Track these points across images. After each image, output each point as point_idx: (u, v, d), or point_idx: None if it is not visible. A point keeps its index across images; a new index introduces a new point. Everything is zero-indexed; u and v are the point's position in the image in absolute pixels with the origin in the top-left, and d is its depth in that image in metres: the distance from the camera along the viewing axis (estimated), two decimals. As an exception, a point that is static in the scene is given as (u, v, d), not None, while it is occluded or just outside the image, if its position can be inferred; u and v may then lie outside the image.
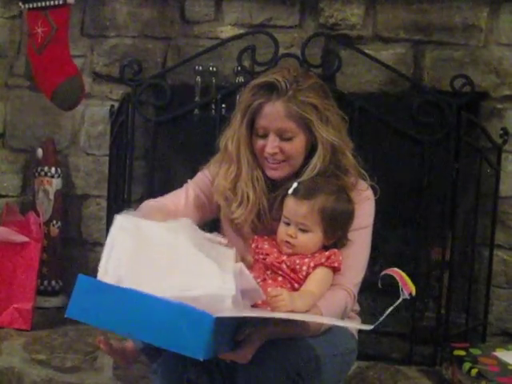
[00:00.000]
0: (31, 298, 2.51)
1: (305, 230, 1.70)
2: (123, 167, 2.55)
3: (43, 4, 2.54)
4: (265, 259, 1.71)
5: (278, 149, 1.75)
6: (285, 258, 1.70)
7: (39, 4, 2.55)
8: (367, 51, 2.46)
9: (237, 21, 2.62)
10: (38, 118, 2.84)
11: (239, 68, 2.45)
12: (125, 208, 1.76)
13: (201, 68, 2.58)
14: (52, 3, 2.54)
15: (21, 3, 2.60)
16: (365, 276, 1.81)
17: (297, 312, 1.57)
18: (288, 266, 1.69)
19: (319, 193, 1.71)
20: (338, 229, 1.73)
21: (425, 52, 2.52)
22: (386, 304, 1.55)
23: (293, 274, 1.68)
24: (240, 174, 1.80)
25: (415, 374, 2.27)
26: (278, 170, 1.78)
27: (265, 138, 1.77)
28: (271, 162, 1.77)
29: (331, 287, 1.71)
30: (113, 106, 2.72)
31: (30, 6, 2.57)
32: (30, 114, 2.85)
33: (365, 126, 2.32)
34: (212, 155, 1.93)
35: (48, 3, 2.54)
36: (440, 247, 2.42)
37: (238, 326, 1.57)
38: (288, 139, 1.75)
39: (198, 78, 2.58)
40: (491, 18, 2.48)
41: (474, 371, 2.05)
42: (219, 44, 2.53)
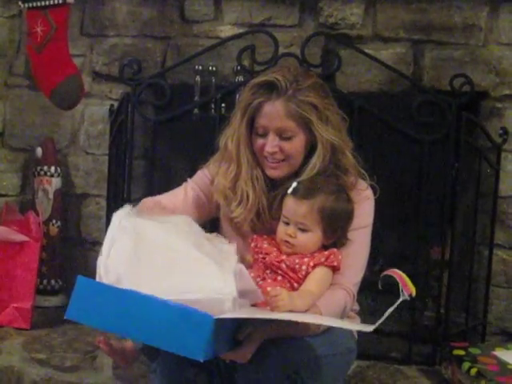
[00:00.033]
0: (31, 298, 2.51)
1: (304, 230, 1.70)
2: (123, 166, 2.55)
3: (43, 3, 2.54)
4: (264, 258, 1.71)
5: (278, 148, 1.75)
6: (284, 257, 1.70)
7: (39, 3, 2.55)
8: (367, 51, 2.46)
9: (236, 20, 2.62)
10: (37, 118, 2.84)
11: (239, 67, 2.45)
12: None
13: (200, 67, 2.58)
14: (51, 2, 2.53)
15: (20, 2, 2.60)
16: (364, 275, 1.81)
17: (296, 311, 1.57)
18: (287, 266, 1.69)
19: (319, 192, 1.71)
20: (337, 228, 1.73)
21: (424, 51, 2.52)
22: (386, 303, 1.55)
23: (292, 273, 1.68)
24: (240, 173, 1.80)
25: (415, 374, 2.27)
26: (278, 170, 1.78)
27: (264, 137, 1.76)
28: (271, 161, 1.77)
29: (331, 287, 1.71)
30: (112, 105, 2.72)
31: (30, 5, 2.57)
32: (30, 114, 2.85)
33: (364, 126, 2.32)
34: (212, 155, 1.93)
35: (47, 2, 2.54)
36: (439, 247, 2.42)
37: (237, 326, 1.57)
38: (288, 138, 1.75)
39: (198, 78, 2.58)
40: (491, 18, 2.48)
41: (474, 371, 2.05)
42: (219, 43, 2.53)
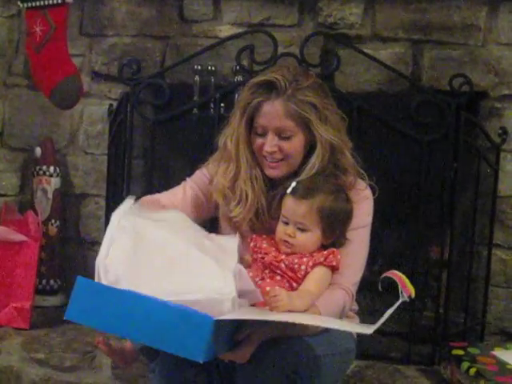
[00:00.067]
0: (30, 297, 2.50)
1: (303, 230, 1.70)
2: (122, 166, 2.55)
3: (42, 3, 2.54)
4: (263, 258, 1.71)
5: (277, 147, 1.75)
6: (283, 257, 1.70)
7: (38, 3, 2.55)
8: (366, 50, 2.46)
9: (235, 20, 2.62)
10: (36, 117, 2.84)
11: (238, 67, 2.45)
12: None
13: (199, 67, 2.58)
14: (51, 2, 2.54)
15: (19, 2, 2.60)
16: (363, 275, 1.81)
17: (295, 311, 1.57)
18: (286, 266, 1.69)
19: (318, 192, 1.71)
20: (336, 228, 1.73)
21: (423, 51, 2.52)
22: (385, 303, 1.55)
23: (291, 273, 1.68)
24: (239, 173, 1.80)
25: (414, 374, 2.27)
26: (277, 169, 1.78)
27: (264, 136, 1.76)
28: (270, 160, 1.77)
29: (330, 286, 1.71)
30: (111, 105, 2.72)
31: (29, 4, 2.57)
32: (29, 113, 2.84)
33: (363, 126, 2.32)
34: (211, 154, 1.93)
35: (47, 2, 2.54)
36: (439, 246, 2.42)
37: (236, 327, 1.56)
38: (287, 138, 1.75)
39: (197, 77, 2.58)
40: (490, 18, 2.48)
41: (473, 370, 2.05)
42: (218, 43, 2.53)
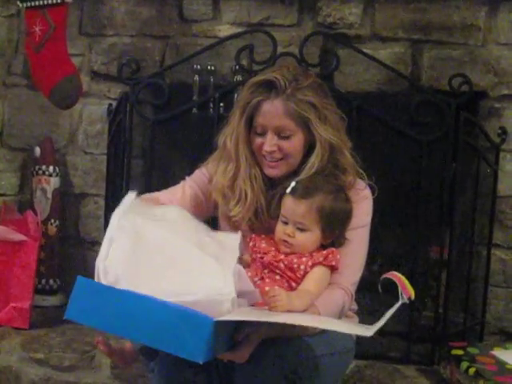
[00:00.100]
0: (29, 297, 2.50)
1: (303, 229, 1.70)
2: (121, 166, 2.55)
3: (41, 2, 2.54)
4: (262, 258, 1.71)
5: (276, 147, 1.75)
6: (282, 256, 1.70)
7: (37, 2, 2.55)
8: (365, 50, 2.46)
9: (235, 19, 2.62)
10: (35, 117, 2.84)
11: (237, 67, 2.45)
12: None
13: (199, 67, 2.58)
14: (50, 2, 2.54)
15: (19, 2, 2.60)
16: (363, 275, 1.81)
17: (295, 311, 1.57)
18: (286, 265, 1.68)
19: (317, 192, 1.70)
20: (336, 228, 1.72)
21: (423, 51, 2.52)
22: (384, 303, 1.54)
23: (290, 272, 1.68)
24: (238, 172, 1.80)
25: (413, 373, 2.27)
26: (276, 169, 1.78)
27: (263, 135, 1.76)
28: (269, 160, 1.77)
29: (329, 286, 1.70)
30: (111, 104, 2.72)
31: (28, 4, 2.57)
32: (28, 113, 2.85)
33: (363, 125, 2.32)
34: (210, 154, 1.92)
35: (46, 2, 2.54)
36: (438, 246, 2.42)
37: (235, 327, 1.56)
38: (286, 137, 1.74)
39: (196, 77, 2.59)
40: (489, 18, 2.49)
41: (472, 370, 2.05)
42: (217, 43, 2.53)
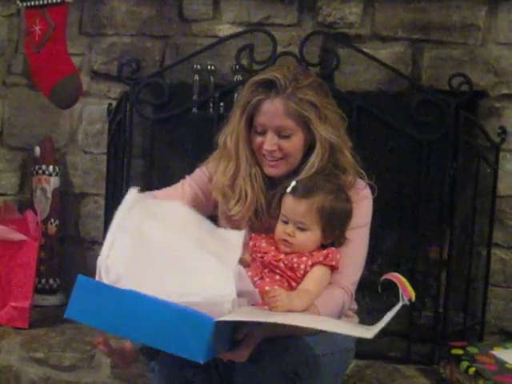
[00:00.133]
0: (29, 297, 2.50)
1: (303, 229, 1.70)
2: (121, 165, 2.55)
3: (41, 2, 2.54)
4: (262, 257, 1.71)
5: (276, 146, 1.75)
6: (282, 256, 1.69)
7: (37, 2, 2.54)
8: (365, 50, 2.46)
9: (235, 19, 2.62)
10: (35, 117, 2.84)
11: (237, 66, 2.45)
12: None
13: (199, 66, 2.58)
14: (50, 1, 2.54)
15: (19, 1, 2.60)
16: (363, 275, 1.81)
17: (295, 311, 1.57)
18: (286, 265, 1.68)
19: (318, 191, 1.70)
20: (336, 227, 1.72)
21: (423, 51, 2.52)
22: (384, 303, 1.54)
23: (290, 272, 1.68)
24: (238, 171, 1.80)
25: (413, 373, 2.27)
26: (276, 168, 1.78)
27: (263, 135, 1.76)
28: (269, 159, 1.77)
29: (329, 286, 1.70)
30: (111, 104, 2.72)
31: (28, 4, 2.57)
32: (28, 113, 2.85)
33: (363, 125, 2.32)
34: (210, 153, 1.92)
35: (46, 1, 2.54)
36: (438, 246, 2.42)
37: (235, 326, 1.56)
38: (286, 137, 1.74)
39: (196, 77, 2.58)
40: (489, 17, 2.49)
41: (472, 370, 2.05)
42: (217, 42, 2.53)
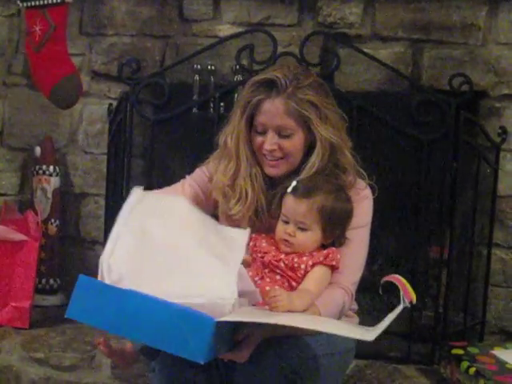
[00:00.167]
0: (29, 297, 2.50)
1: (304, 229, 1.70)
2: (121, 166, 2.55)
3: (41, 2, 2.54)
4: (263, 257, 1.71)
5: (277, 146, 1.75)
6: (283, 256, 1.70)
7: (37, 2, 2.55)
8: (366, 50, 2.46)
9: (235, 19, 2.62)
10: (36, 117, 2.84)
11: (237, 66, 2.45)
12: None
13: (199, 66, 2.58)
14: (50, 1, 2.54)
15: (19, 1, 2.60)
16: (363, 275, 1.81)
17: (295, 311, 1.57)
18: (286, 265, 1.68)
19: (318, 191, 1.70)
20: (336, 227, 1.72)
21: (423, 51, 2.52)
22: (384, 303, 1.54)
23: (291, 272, 1.68)
24: (239, 171, 1.80)
25: (413, 373, 2.27)
26: (277, 168, 1.78)
27: (264, 134, 1.76)
28: (270, 158, 1.77)
29: (329, 286, 1.70)
30: (111, 104, 2.72)
31: (29, 4, 2.57)
32: (28, 113, 2.85)
33: (363, 125, 2.32)
34: (210, 153, 1.93)
35: (46, 1, 2.54)
36: (438, 246, 2.42)
37: (236, 326, 1.56)
38: (287, 136, 1.74)
39: (197, 77, 2.58)
40: (490, 17, 2.49)
41: (472, 370, 2.05)
42: (218, 42, 2.53)
